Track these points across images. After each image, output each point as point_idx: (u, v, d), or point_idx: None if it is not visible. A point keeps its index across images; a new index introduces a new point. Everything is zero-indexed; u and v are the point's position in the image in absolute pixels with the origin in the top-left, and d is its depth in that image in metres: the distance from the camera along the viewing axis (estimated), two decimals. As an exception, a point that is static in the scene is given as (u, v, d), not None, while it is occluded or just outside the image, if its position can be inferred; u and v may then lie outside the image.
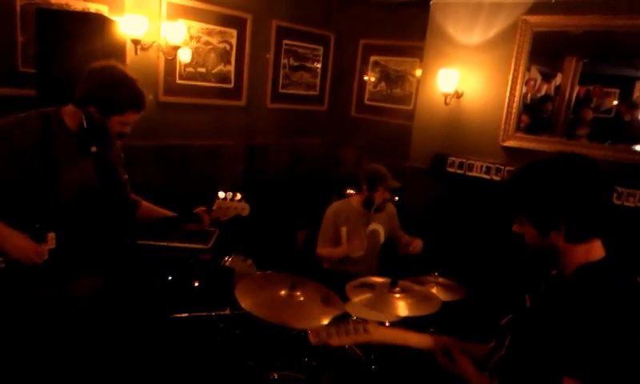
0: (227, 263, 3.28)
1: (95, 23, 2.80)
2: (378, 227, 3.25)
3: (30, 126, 1.82)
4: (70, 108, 1.91)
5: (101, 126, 1.87)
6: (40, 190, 1.83)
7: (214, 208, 2.20)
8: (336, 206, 3.26)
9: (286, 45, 4.92)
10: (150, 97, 1.96)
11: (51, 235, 1.83)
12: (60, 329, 1.93)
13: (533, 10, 3.64)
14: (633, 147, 3.45)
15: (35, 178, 1.82)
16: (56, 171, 1.85)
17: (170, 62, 3.93)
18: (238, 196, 2.25)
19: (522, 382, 1.37)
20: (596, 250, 1.34)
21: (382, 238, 3.27)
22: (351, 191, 3.31)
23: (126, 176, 2.20)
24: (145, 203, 2.27)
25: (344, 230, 3.16)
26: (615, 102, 3.65)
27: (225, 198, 2.21)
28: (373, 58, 5.29)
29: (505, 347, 1.50)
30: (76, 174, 1.91)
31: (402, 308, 2.30)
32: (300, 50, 5.08)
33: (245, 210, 2.25)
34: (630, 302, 1.27)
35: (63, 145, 1.87)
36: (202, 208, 2.22)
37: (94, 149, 1.93)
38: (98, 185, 1.98)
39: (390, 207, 3.37)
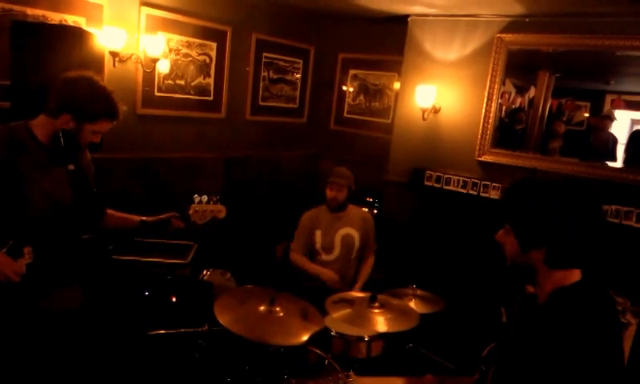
0: (206, 277, 3.26)
1: (73, 36, 2.77)
2: (352, 231, 3.28)
3: None
4: (40, 119, 1.89)
5: (75, 136, 1.86)
6: (10, 203, 1.80)
7: (189, 213, 2.18)
8: (310, 212, 3.37)
9: (266, 57, 4.94)
10: (123, 107, 1.95)
11: (28, 249, 1.80)
12: (38, 342, 1.88)
13: (508, 28, 3.74)
14: (606, 163, 3.54)
15: (3, 191, 1.79)
16: (23, 182, 1.83)
17: (149, 75, 3.90)
18: (214, 199, 2.23)
19: None
20: (572, 275, 1.34)
21: (357, 243, 3.29)
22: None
23: (96, 190, 2.17)
24: (109, 211, 2.23)
25: (318, 233, 3.26)
26: (586, 115, 3.74)
27: (200, 202, 2.20)
28: (352, 72, 5.35)
29: (489, 380, 1.51)
30: (48, 185, 1.89)
31: (381, 323, 2.32)
32: (280, 63, 5.10)
33: (221, 212, 2.24)
34: (606, 328, 1.29)
35: (32, 156, 1.85)
36: (173, 213, 2.21)
37: (71, 167, 1.91)
38: (73, 199, 1.95)
39: (367, 216, 3.41)
